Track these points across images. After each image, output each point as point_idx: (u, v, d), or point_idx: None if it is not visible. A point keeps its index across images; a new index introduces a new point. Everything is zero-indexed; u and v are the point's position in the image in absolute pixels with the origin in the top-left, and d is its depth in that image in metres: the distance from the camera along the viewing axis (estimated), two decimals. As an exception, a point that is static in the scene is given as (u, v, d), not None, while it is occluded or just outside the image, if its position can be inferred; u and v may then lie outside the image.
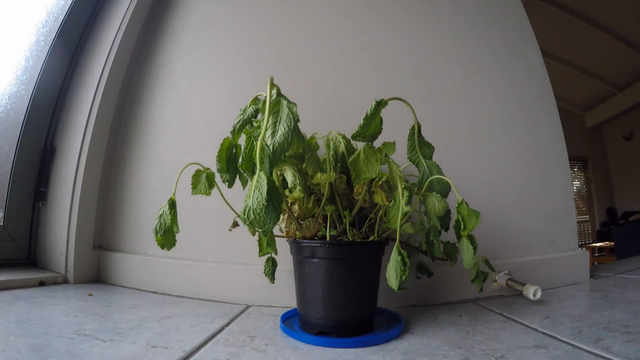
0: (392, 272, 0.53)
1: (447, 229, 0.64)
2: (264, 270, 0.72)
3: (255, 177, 0.46)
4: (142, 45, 1.14)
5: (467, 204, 0.54)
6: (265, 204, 0.44)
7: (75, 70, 1.14)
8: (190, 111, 1.04)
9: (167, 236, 0.61)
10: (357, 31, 1.03)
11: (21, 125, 1.06)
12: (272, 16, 1.04)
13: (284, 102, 0.48)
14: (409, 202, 0.54)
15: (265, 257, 0.73)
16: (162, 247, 0.62)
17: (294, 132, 0.47)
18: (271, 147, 0.47)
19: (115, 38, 1.07)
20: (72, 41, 1.13)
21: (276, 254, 0.72)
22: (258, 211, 0.44)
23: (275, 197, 0.46)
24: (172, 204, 0.62)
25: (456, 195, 0.56)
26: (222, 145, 0.60)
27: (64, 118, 1.12)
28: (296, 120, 0.47)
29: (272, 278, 0.72)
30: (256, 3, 1.06)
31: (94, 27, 1.15)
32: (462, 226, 0.54)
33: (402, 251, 0.53)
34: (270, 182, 0.46)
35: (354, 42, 1.02)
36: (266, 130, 0.47)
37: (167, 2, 1.15)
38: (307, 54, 1.01)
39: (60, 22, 1.10)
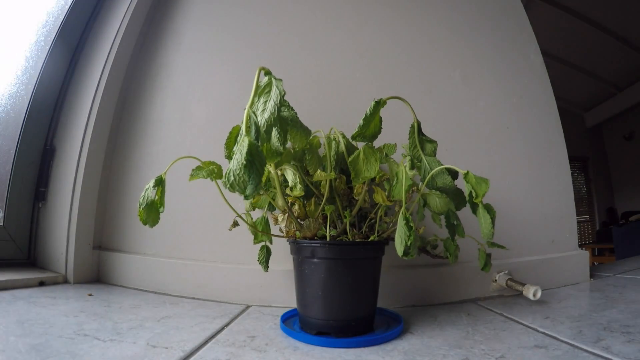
0: (397, 237, 0.52)
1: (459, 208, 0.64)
2: (258, 258, 0.72)
3: (239, 141, 0.45)
4: (142, 45, 1.14)
5: (472, 174, 0.54)
6: (245, 163, 0.43)
7: (75, 70, 1.14)
8: (190, 111, 1.04)
9: (149, 211, 0.60)
10: (357, 31, 1.03)
11: (21, 125, 1.06)
12: (272, 16, 1.04)
13: (273, 81, 0.48)
14: (412, 167, 0.54)
15: (260, 245, 0.73)
16: (145, 223, 0.60)
17: (280, 105, 0.47)
18: (260, 123, 0.47)
19: (115, 38, 1.07)
20: (72, 41, 1.13)
21: (271, 242, 0.72)
22: (238, 172, 0.43)
23: (258, 159, 0.45)
24: (159, 182, 0.60)
25: (459, 171, 0.56)
26: (230, 133, 0.60)
27: (64, 118, 1.12)
28: (282, 94, 0.47)
29: (265, 266, 0.72)
30: (256, 3, 1.06)
31: (94, 27, 1.15)
32: (474, 194, 0.53)
33: (408, 216, 0.52)
34: (253, 146, 0.44)
35: (354, 42, 1.02)
36: (252, 103, 0.48)
37: (167, 2, 1.15)
38: (307, 54, 1.01)
39: (60, 22, 1.10)
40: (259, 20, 1.05)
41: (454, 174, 0.57)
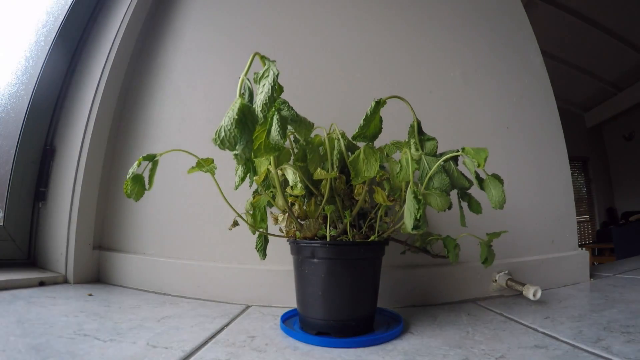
0: (407, 212, 0.53)
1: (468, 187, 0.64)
2: (256, 245, 0.71)
3: (232, 104, 0.46)
4: (142, 45, 1.14)
5: (469, 147, 0.54)
6: (236, 117, 0.43)
7: (75, 70, 1.14)
8: (190, 111, 1.04)
9: (135, 183, 0.59)
10: (357, 32, 1.03)
11: (21, 125, 1.06)
12: (273, 16, 1.04)
13: (270, 65, 0.49)
14: (417, 149, 0.55)
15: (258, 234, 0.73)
16: (129, 196, 0.59)
17: (275, 85, 0.48)
18: (257, 103, 0.47)
19: (115, 38, 1.07)
20: (72, 41, 1.13)
21: (267, 231, 0.72)
22: (229, 127, 0.43)
23: (250, 119, 0.45)
24: (151, 157, 0.60)
25: (458, 153, 0.55)
26: None
27: (64, 118, 1.12)
28: (276, 74, 0.48)
29: (263, 254, 0.72)
30: (257, 3, 1.06)
31: (94, 27, 1.15)
32: (476, 164, 0.53)
33: (416, 190, 0.52)
34: (245, 106, 0.45)
35: (354, 42, 1.02)
36: (247, 72, 0.49)
37: (167, 2, 1.15)
38: (307, 54, 1.01)
39: (60, 22, 1.10)
40: (259, 20, 1.05)
41: (454, 159, 0.57)
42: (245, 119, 0.45)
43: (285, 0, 1.05)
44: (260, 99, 0.47)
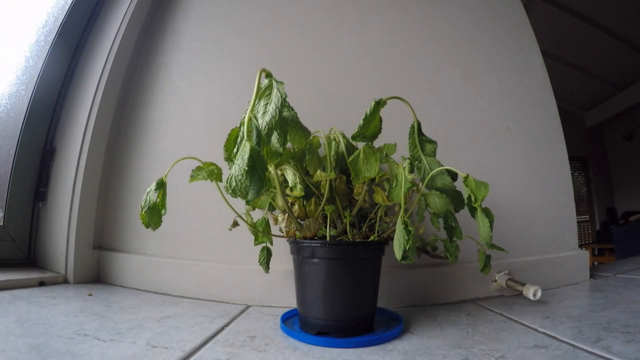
0: (396, 241, 0.53)
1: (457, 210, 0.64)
2: (259, 259, 0.72)
3: (241, 146, 0.45)
4: (142, 45, 1.14)
5: (472, 178, 0.54)
6: (247, 168, 0.43)
7: (75, 70, 1.14)
8: (190, 111, 1.04)
9: (152, 214, 0.60)
10: (357, 32, 1.03)
11: (21, 125, 1.06)
12: (273, 16, 1.04)
13: (274, 84, 0.48)
14: (411, 170, 0.55)
15: (261, 246, 0.73)
16: (147, 226, 0.60)
17: (282, 108, 0.47)
18: (262, 125, 0.47)
19: (115, 38, 1.07)
20: (72, 41, 1.13)
21: (271, 244, 0.73)
22: (239, 177, 0.43)
23: (259, 165, 0.45)
24: (160, 184, 0.60)
25: (459, 173, 0.56)
26: (229, 135, 0.60)
27: (64, 118, 1.12)
28: (284, 97, 0.47)
29: (266, 267, 0.72)
30: (257, 3, 1.06)
31: (94, 27, 1.15)
32: (473, 198, 0.53)
33: (406, 220, 0.52)
34: (255, 151, 0.45)
35: (355, 43, 1.02)
36: (253, 107, 0.48)
37: (167, 2, 1.15)
38: (307, 54, 1.01)
39: (60, 22, 1.10)
40: (259, 20, 1.05)
41: (453, 176, 0.57)
42: (255, 165, 0.44)
43: (285, 1, 1.05)
44: (265, 120, 0.47)
